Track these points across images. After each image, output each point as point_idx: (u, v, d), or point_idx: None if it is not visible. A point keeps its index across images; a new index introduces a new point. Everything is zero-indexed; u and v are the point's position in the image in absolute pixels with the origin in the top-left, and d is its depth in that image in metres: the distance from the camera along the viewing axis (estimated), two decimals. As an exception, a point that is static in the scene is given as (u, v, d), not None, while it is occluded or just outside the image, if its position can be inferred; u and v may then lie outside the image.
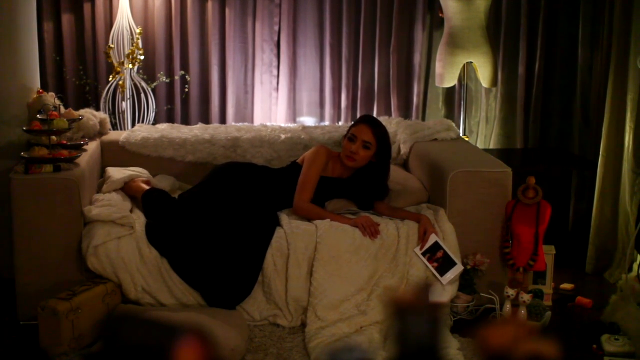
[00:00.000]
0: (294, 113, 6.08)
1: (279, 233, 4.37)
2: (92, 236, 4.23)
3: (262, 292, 4.30)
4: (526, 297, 4.26)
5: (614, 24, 5.08)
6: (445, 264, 4.36)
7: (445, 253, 4.37)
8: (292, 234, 4.34)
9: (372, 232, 4.35)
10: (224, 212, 4.39)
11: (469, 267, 4.43)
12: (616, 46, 5.02)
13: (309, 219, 4.49)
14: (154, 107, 5.74)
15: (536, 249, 4.45)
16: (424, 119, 6.06)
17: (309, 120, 6.09)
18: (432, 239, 4.38)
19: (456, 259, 4.38)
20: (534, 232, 4.45)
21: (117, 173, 4.87)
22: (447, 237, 4.42)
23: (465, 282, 4.44)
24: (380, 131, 4.57)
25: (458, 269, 4.38)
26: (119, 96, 5.63)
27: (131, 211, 4.57)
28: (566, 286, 4.92)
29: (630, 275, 4.70)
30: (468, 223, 4.51)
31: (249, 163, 4.93)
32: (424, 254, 4.36)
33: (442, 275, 4.34)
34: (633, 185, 4.93)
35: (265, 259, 4.29)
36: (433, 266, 4.35)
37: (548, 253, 4.63)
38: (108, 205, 4.40)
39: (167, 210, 4.45)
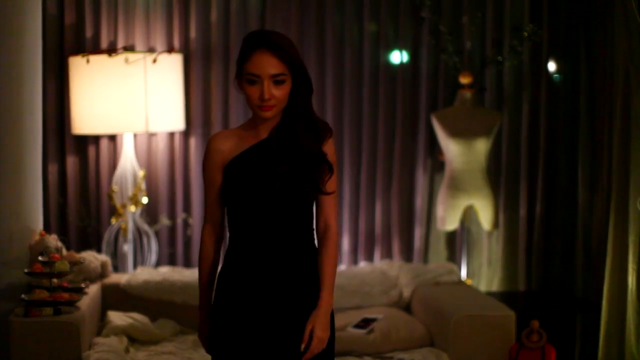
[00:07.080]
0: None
1: None
2: (90, 381, 4.18)
3: None
4: None
5: (612, 166, 5.14)
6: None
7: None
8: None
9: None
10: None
11: (474, 413, 4.36)
12: (616, 188, 5.07)
13: None
14: (156, 250, 5.75)
15: (542, 394, 4.39)
16: (425, 262, 6.05)
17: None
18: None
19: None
20: (540, 377, 4.40)
21: (117, 319, 4.85)
22: (451, 382, 4.38)
23: None
24: (286, 51, 2.97)
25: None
26: (120, 238, 5.65)
27: (127, 350, 4.59)
28: None
29: (639, 421, 4.62)
30: (472, 367, 4.47)
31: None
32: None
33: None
34: (638, 327, 4.89)
35: None
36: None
37: (554, 398, 4.57)
38: (107, 350, 4.35)
39: None
